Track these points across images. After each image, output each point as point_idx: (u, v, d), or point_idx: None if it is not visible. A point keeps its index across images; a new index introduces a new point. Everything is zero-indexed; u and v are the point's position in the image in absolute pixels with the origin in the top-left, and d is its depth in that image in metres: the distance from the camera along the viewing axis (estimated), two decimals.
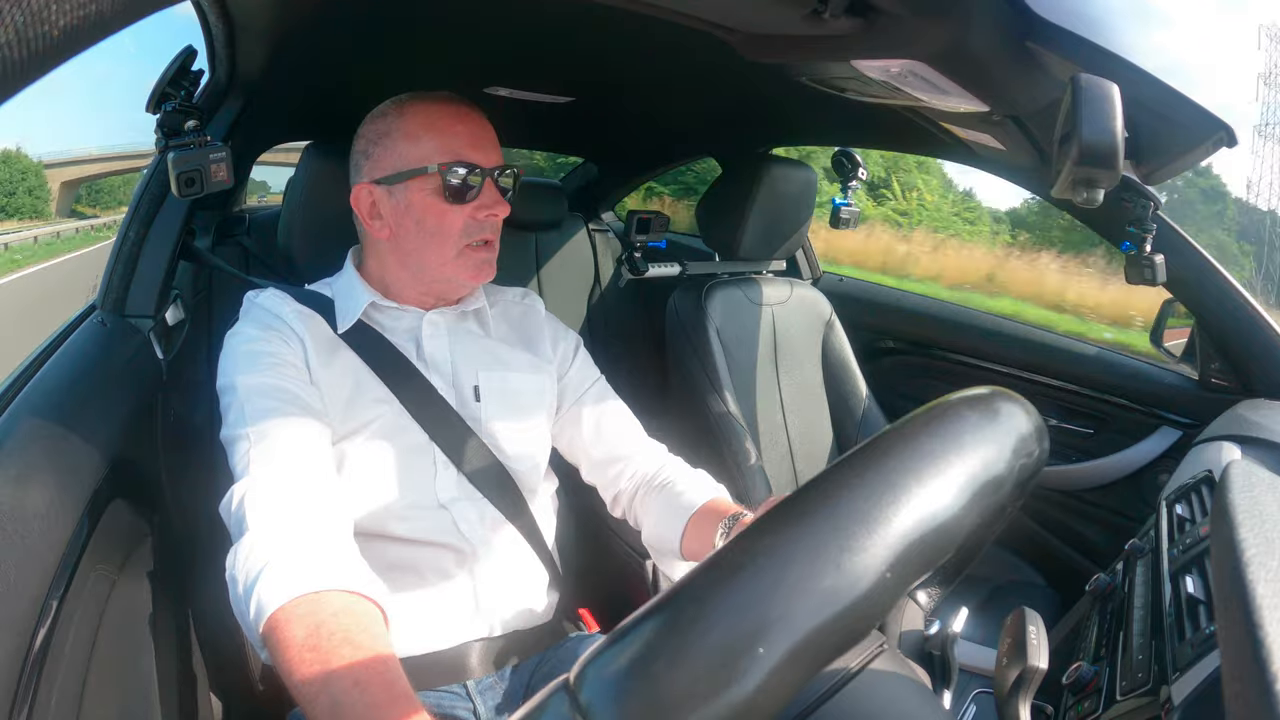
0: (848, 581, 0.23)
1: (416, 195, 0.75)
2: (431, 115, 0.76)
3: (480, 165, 0.75)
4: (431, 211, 0.75)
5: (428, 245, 0.76)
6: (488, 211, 0.76)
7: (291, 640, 0.52)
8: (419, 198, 0.75)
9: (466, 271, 0.78)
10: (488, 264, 0.79)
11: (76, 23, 0.19)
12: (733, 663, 0.22)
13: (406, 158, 0.75)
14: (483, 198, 0.76)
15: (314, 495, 0.63)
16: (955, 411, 0.28)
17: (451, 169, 0.74)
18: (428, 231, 0.76)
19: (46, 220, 19.50)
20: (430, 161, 0.74)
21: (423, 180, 0.74)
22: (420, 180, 0.74)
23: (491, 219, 0.77)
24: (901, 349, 1.77)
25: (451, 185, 0.74)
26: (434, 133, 0.75)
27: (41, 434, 0.59)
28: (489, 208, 0.76)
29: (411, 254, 0.77)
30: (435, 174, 0.74)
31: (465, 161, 0.74)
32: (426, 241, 0.76)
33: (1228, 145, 0.64)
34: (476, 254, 0.78)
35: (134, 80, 57.05)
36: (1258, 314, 1.14)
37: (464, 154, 0.75)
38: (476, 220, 0.76)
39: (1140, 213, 1.03)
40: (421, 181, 0.74)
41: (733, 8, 0.66)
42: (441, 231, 0.75)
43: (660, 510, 0.81)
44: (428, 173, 0.74)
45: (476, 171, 0.75)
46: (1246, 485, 0.50)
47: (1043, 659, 0.47)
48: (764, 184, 1.42)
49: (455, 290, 0.82)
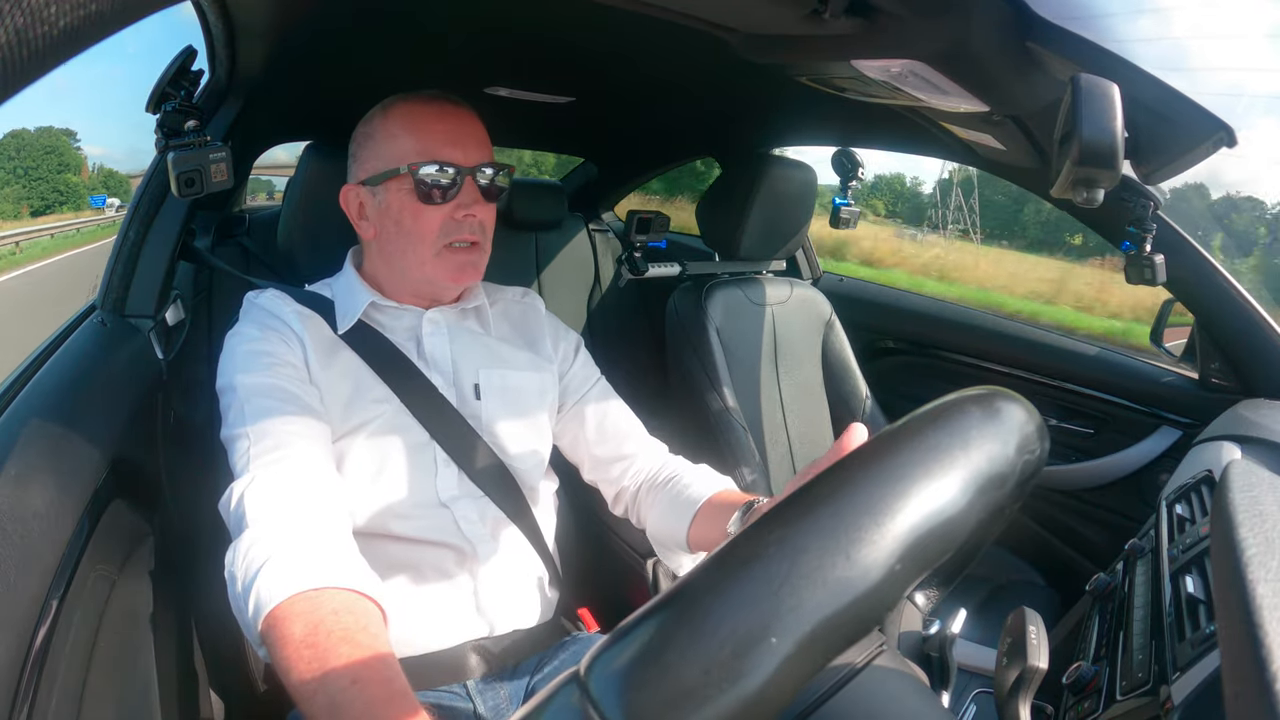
0: (859, 572, 0.23)
1: (394, 196, 0.75)
2: (412, 114, 0.75)
3: (457, 164, 0.74)
4: (408, 212, 0.74)
5: (407, 246, 0.76)
6: (465, 211, 0.75)
7: (289, 638, 0.52)
8: (396, 198, 0.74)
9: (446, 273, 0.77)
10: (469, 265, 0.77)
11: (76, 23, 0.19)
12: (745, 653, 0.22)
13: (385, 158, 0.75)
14: (461, 197, 0.75)
15: (314, 493, 0.63)
16: (960, 408, 0.28)
17: (424, 168, 0.73)
18: (405, 232, 0.75)
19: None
20: (404, 161, 0.73)
21: (399, 180, 0.74)
22: (397, 180, 0.74)
23: (470, 219, 0.75)
24: (901, 349, 1.78)
25: (424, 184, 0.73)
26: (410, 132, 0.74)
27: (41, 434, 0.59)
28: (467, 207, 0.75)
29: (394, 255, 0.77)
30: (407, 174, 0.73)
31: (440, 160, 0.73)
32: (405, 242, 0.76)
33: (1228, 145, 0.63)
34: (457, 255, 0.76)
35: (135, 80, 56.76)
36: (1258, 314, 1.14)
37: (439, 153, 0.74)
38: (455, 220, 0.75)
39: (1140, 213, 1.03)
40: (398, 182, 0.74)
41: (733, 8, 0.66)
42: (418, 232, 0.75)
43: (666, 505, 0.80)
44: (400, 173, 0.73)
45: (452, 170, 0.74)
46: (1246, 485, 0.50)
47: (1043, 659, 0.47)
48: (764, 184, 1.42)
49: (439, 292, 0.81)
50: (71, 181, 35.20)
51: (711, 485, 0.79)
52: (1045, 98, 0.68)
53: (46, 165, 35.11)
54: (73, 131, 37.77)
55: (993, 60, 0.62)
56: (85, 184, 35.51)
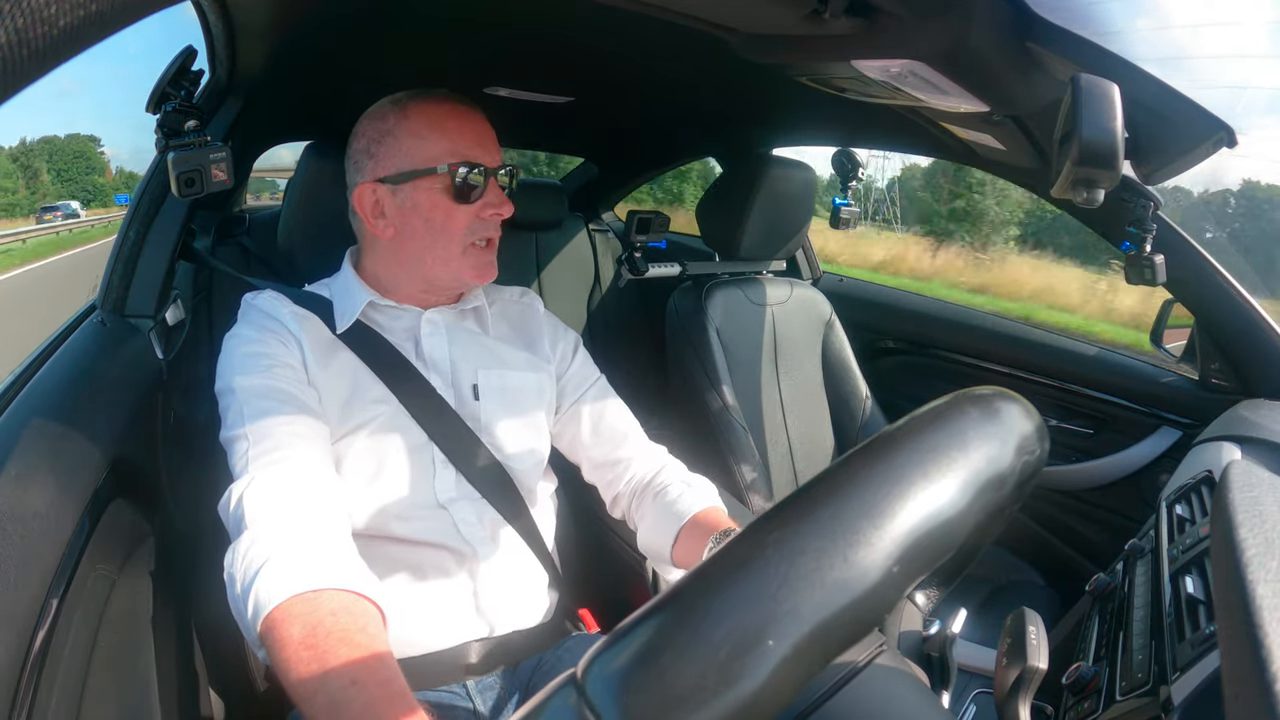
0: (856, 574, 0.23)
1: (425, 194, 0.75)
2: (436, 115, 0.76)
3: (485, 165, 0.76)
4: (439, 210, 0.76)
5: (434, 244, 0.77)
6: (493, 210, 0.77)
7: (289, 639, 0.52)
8: (427, 196, 0.75)
9: (470, 271, 0.79)
10: (490, 265, 0.80)
11: (76, 22, 0.19)
12: (742, 656, 0.22)
13: (413, 157, 0.75)
14: (488, 196, 0.77)
15: (312, 494, 0.63)
16: (959, 409, 0.28)
17: (460, 169, 0.75)
18: (435, 230, 0.76)
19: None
20: (440, 161, 0.74)
21: (431, 180, 0.75)
22: (429, 180, 0.75)
23: (496, 217, 0.78)
24: (901, 349, 1.77)
25: (459, 185, 0.75)
26: (440, 132, 0.75)
27: (41, 434, 0.59)
28: (495, 206, 0.77)
29: (415, 253, 0.78)
30: (445, 174, 0.75)
31: (471, 161, 0.75)
32: (434, 240, 0.77)
33: (1228, 145, 0.64)
34: (481, 254, 0.79)
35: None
36: (1258, 314, 1.14)
37: (471, 154, 0.75)
38: (481, 219, 0.77)
39: (1140, 213, 1.03)
40: (430, 181, 0.75)
41: (733, 8, 0.66)
42: (448, 230, 0.76)
43: (654, 516, 0.81)
44: (437, 172, 0.74)
45: (482, 171, 0.76)
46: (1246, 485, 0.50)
47: (1043, 659, 0.47)
48: (764, 184, 1.42)
49: (457, 288, 0.83)
50: (99, 182, 39.55)
51: (699, 501, 0.79)
52: (1045, 98, 0.68)
53: (76, 168, 39.46)
54: (97, 138, 43.96)
55: (993, 60, 0.62)
56: (110, 184, 39.59)
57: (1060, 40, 0.57)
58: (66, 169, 38.66)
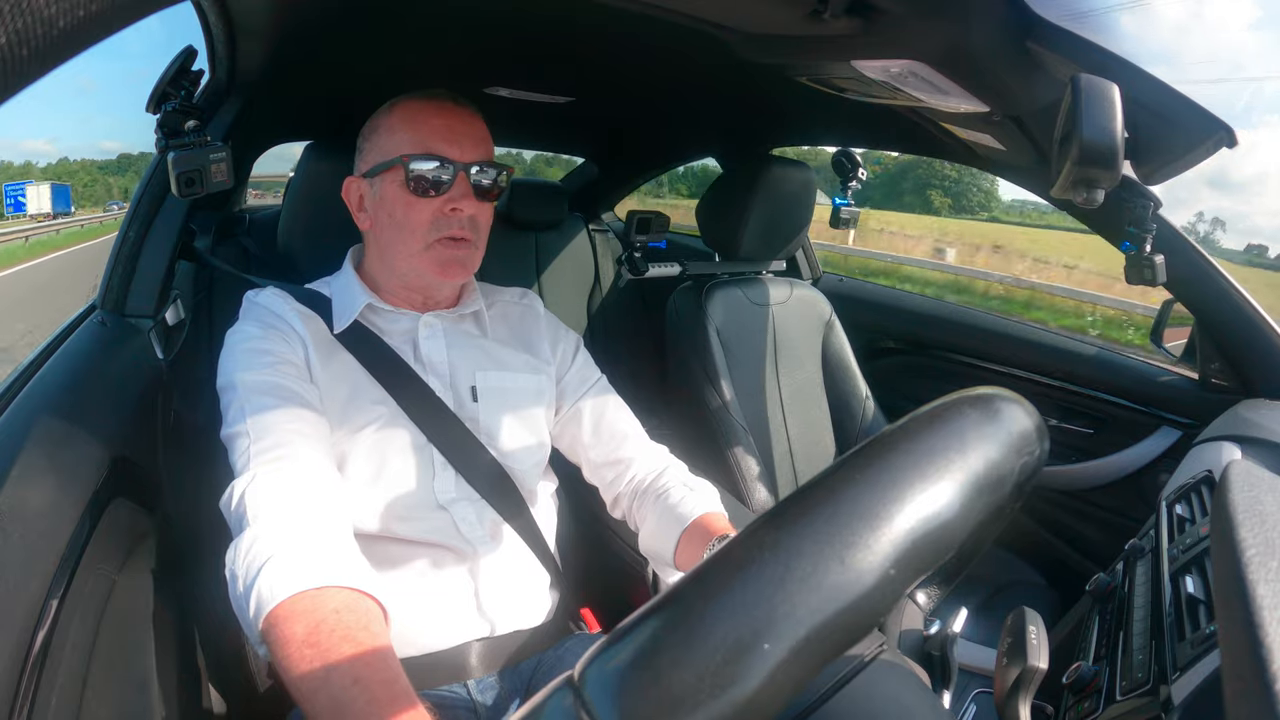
0: (852, 577, 0.23)
1: (389, 187, 0.75)
2: (415, 110, 0.76)
3: (451, 159, 0.74)
4: (400, 204, 0.75)
5: (397, 238, 0.76)
6: (453, 205, 0.75)
7: (291, 637, 0.52)
8: (390, 190, 0.75)
9: (433, 267, 0.76)
10: (456, 262, 0.77)
11: (76, 23, 0.19)
12: (738, 658, 0.22)
13: (383, 150, 0.76)
14: (452, 192, 0.75)
15: (314, 491, 0.63)
16: (957, 410, 0.28)
17: (415, 160, 0.73)
18: (396, 224, 0.75)
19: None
20: (398, 153, 0.74)
21: (393, 172, 0.75)
22: (391, 172, 0.75)
23: (457, 214, 0.75)
24: (901, 349, 1.77)
25: (415, 177, 0.74)
26: (408, 126, 0.75)
27: (42, 434, 0.59)
28: (455, 202, 0.75)
29: (385, 247, 0.78)
30: (399, 165, 0.74)
31: (433, 154, 0.74)
32: (397, 234, 0.76)
33: (1228, 145, 0.63)
34: (445, 250, 0.76)
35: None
36: (1258, 314, 1.14)
37: (433, 147, 0.74)
38: (444, 215, 0.75)
39: (1140, 213, 1.03)
40: (393, 174, 0.75)
41: (733, 8, 0.66)
42: (409, 224, 0.75)
43: (656, 519, 0.80)
44: (394, 164, 0.74)
45: (445, 165, 0.74)
46: (1246, 485, 0.50)
47: (1043, 659, 0.47)
48: (764, 184, 1.42)
49: (427, 288, 0.81)
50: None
51: (701, 505, 0.79)
52: (1045, 98, 0.68)
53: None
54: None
55: (992, 60, 0.62)
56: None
57: (1060, 40, 0.57)
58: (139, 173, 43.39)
